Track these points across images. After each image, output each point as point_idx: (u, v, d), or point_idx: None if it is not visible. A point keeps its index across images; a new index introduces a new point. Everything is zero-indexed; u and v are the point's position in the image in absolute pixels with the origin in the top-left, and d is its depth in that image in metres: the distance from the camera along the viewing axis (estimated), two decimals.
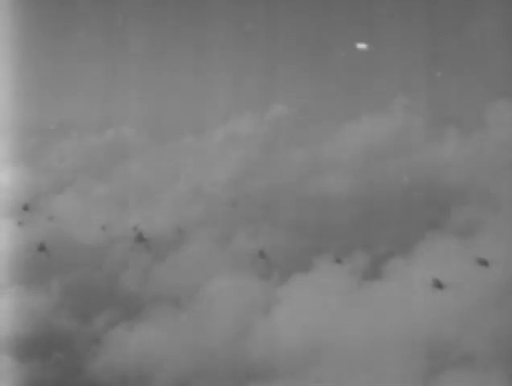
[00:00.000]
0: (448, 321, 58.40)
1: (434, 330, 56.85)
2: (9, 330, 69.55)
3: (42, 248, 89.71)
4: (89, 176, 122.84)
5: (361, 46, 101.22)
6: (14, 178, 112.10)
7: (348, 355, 56.73)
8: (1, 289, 78.11)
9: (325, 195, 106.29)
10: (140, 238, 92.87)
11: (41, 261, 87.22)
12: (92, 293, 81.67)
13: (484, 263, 65.73)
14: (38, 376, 65.65)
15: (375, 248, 78.49)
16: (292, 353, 58.81)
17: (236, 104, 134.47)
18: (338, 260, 73.41)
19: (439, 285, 63.03)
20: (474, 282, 63.56)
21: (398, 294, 60.84)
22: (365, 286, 65.45)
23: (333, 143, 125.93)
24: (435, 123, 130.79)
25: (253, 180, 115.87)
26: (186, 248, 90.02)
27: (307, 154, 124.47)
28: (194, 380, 61.91)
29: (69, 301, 79.59)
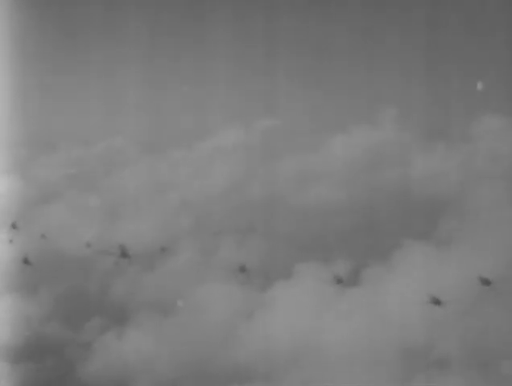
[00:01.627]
0: (423, 325, 62.77)
1: (409, 334, 61.26)
2: (3, 336, 73.82)
3: (26, 261, 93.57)
4: (79, 188, 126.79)
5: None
6: (3, 188, 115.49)
7: (328, 357, 61.16)
8: None
9: (311, 206, 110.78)
10: (124, 254, 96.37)
11: (31, 273, 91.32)
12: (82, 302, 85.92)
13: (486, 282, 69.23)
14: (30, 380, 69.88)
15: (355, 257, 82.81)
16: (274, 356, 63.27)
17: (224, 116, 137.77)
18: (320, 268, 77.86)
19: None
20: (450, 288, 67.71)
21: (375, 300, 65.26)
22: (345, 292, 69.83)
23: (320, 155, 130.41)
24: (422, 135, 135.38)
25: (240, 192, 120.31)
26: (173, 259, 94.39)
27: (295, 166, 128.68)
28: (180, 383, 66.31)
29: (60, 310, 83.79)
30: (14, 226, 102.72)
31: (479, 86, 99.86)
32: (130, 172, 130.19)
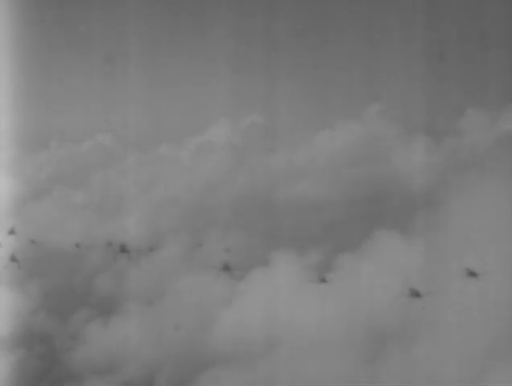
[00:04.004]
0: (389, 308, 68.32)
1: (376, 317, 66.89)
2: None
3: (13, 259, 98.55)
4: (67, 185, 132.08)
5: None
6: None
7: (302, 340, 66.99)
8: None
9: (295, 200, 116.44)
10: (123, 249, 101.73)
11: (21, 269, 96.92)
12: (69, 294, 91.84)
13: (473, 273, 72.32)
14: (20, 369, 75.81)
15: (329, 246, 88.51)
16: (250, 340, 69.22)
17: (211, 113, 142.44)
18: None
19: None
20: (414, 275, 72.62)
21: (346, 286, 71.10)
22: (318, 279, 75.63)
23: (306, 151, 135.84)
24: (407, 130, 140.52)
25: (227, 187, 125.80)
26: (159, 252, 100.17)
27: (281, 162, 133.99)
28: (162, 367, 72.26)
29: (49, 302, 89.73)
30: (12, 232, 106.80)
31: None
32: (118, 169, 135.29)
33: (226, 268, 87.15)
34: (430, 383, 61.71)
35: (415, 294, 70.60)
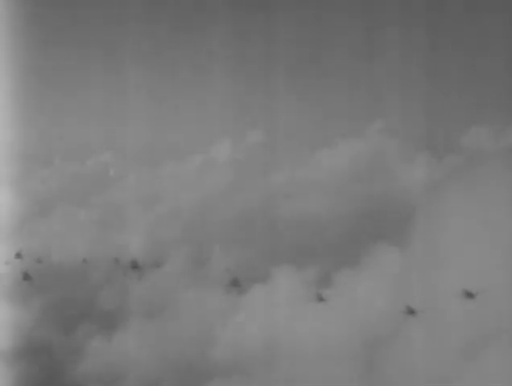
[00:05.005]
0: (385, 324, 70.35)
1: (374, 331, 68.95)
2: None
3: (26, 277, 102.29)
4: (71, 202, 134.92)
5: None
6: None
7: (301, 354, 69.27)
8: None
9: (296, 216, 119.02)
10: (135, 266, 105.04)
11: (27, 285, 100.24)
12: (74, 309, 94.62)
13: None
14: (23, 380, 78.37)
15: (329, 262, 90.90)
16: (251, 354, 71.72)
17: (214, 130, 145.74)
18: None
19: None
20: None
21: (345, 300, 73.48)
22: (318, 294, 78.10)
23: (307, 168, 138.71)
24: (410, 147, 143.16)
25: (229, 203, 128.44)
26: (161, 268, 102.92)
27: (282, 179, 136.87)
28: (163, 380, 74.67)
29: (54, 317, 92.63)
30: (18, 255, 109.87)
31: None
32: (123, 185, 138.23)
33: (231, 283, 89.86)
34: None
35: (411, 312, 72.88)
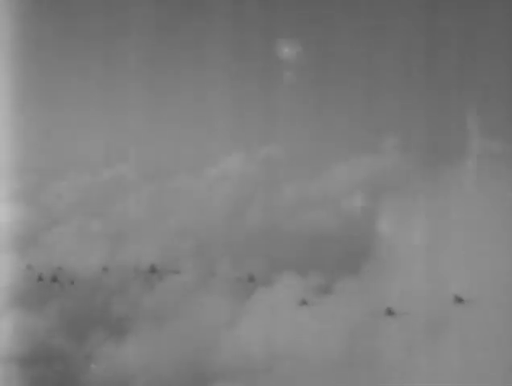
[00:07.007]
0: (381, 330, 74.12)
1: (372, 338, 72.61)
2: (14, 346, 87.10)
3: (43, 284, 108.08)
4: (86, 214, 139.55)
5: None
6: (13, 215, 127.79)
7: (302, 358, 73.16)
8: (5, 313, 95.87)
9: (308, 231, 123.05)
10: (153, 270, 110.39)
11: (43, 292, 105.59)
12: (87, 316, 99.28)
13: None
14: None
15: (331, 271, 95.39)
16: (254, 358, 75.77)
17: (229, 143, 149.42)
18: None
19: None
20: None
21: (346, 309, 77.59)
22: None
23: (320, 183, 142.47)
24: (424, 163, 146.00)
25: (241, 217, 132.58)
26: (172, 278, 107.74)
27: (296, 193, 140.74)
28: (171, 384, 78.94)
29: (67, 324, 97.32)
30: (29, 267, 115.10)
31: None
32: (137, 197, 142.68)
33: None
34: None
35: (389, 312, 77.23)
